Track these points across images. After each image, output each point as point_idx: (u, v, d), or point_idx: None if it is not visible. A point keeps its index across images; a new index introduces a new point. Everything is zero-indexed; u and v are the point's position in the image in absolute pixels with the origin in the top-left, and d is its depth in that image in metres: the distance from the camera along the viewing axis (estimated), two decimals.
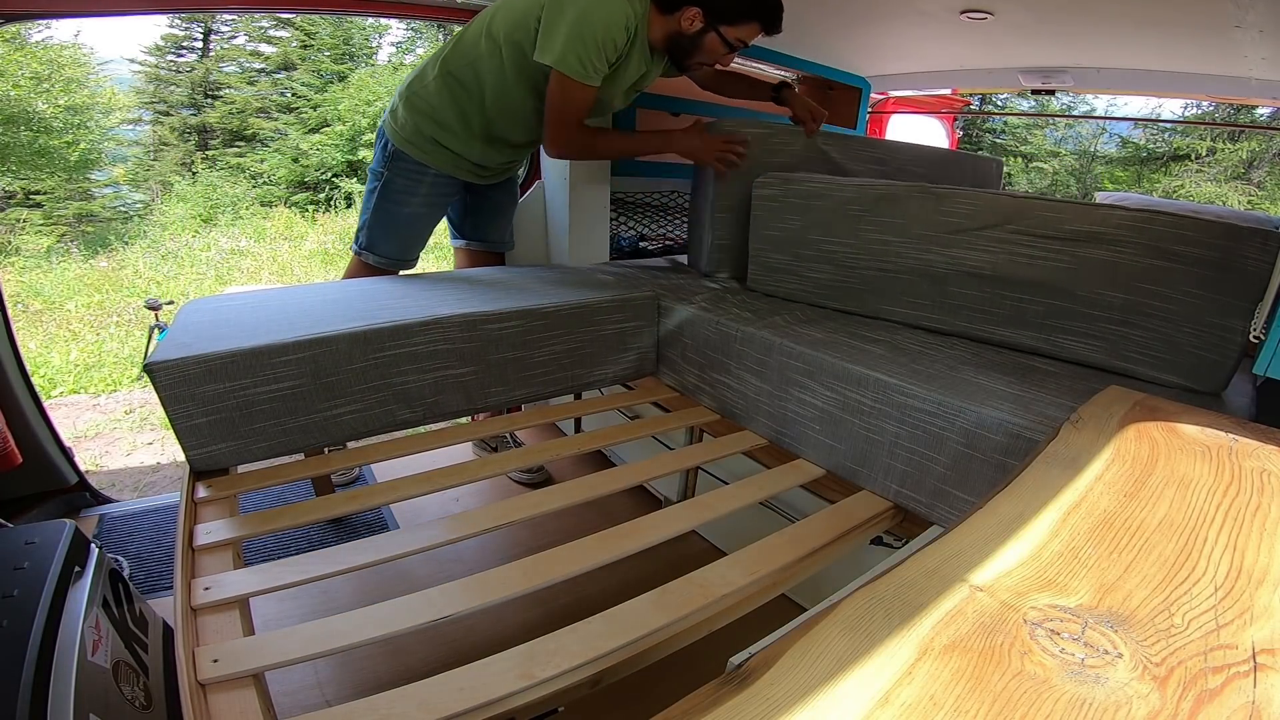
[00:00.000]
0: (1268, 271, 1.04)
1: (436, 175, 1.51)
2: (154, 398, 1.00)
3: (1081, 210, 1.21)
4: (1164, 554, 0.51)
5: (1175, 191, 10.80)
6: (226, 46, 11.33)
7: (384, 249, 1.58)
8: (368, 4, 1.80)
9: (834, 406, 1.17)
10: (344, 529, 1.57)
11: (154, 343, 3.14)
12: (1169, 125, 11.27)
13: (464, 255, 1.82)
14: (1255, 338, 1.13)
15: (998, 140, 12.73)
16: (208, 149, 10.91)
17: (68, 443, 1.57)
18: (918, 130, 3.88)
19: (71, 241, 8.55)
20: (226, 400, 1.04)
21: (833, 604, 0.45)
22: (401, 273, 1.64)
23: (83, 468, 1.59)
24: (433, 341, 1.22)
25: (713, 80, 1.77)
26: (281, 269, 7.25)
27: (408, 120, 1.46)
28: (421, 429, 1.32)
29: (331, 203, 10.06)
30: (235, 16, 10.88)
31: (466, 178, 1.57)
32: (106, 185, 9.80)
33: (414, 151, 1.48)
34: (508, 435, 1.81)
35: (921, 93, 3.40)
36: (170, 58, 11.02)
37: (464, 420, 1.60)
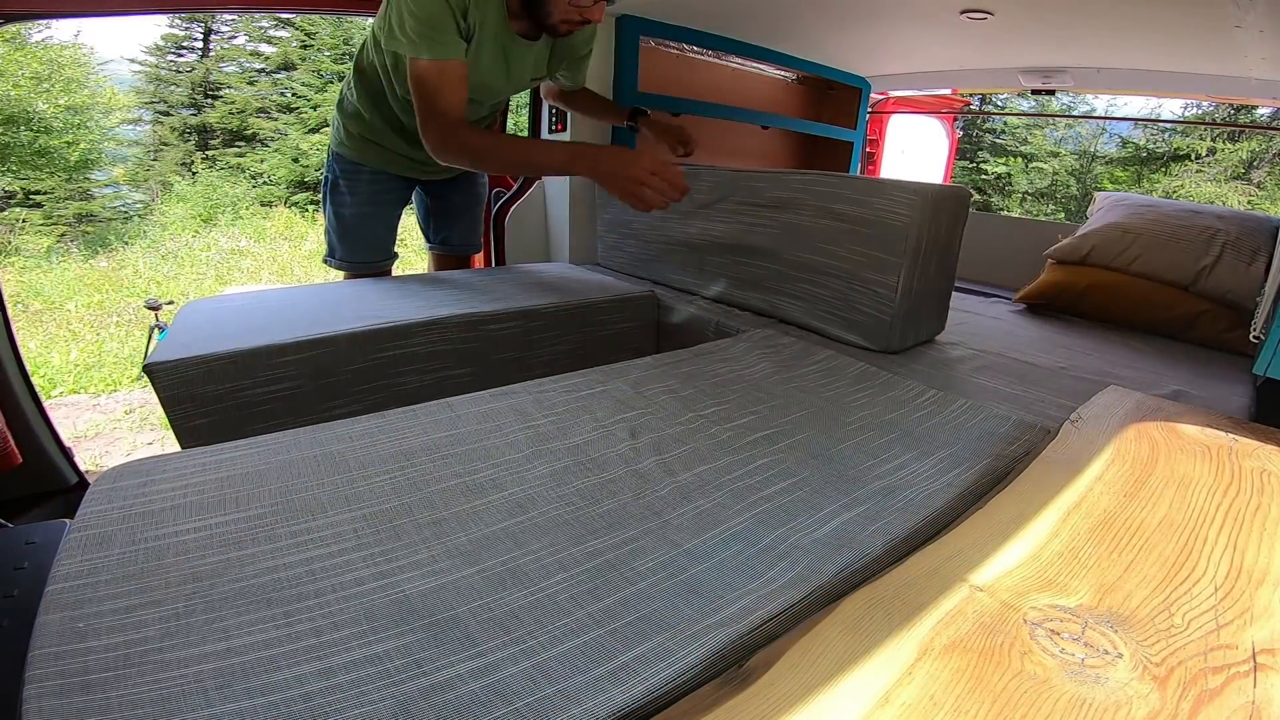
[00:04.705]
0: (913, 228, 1.07)
1: (373, 173, 1.50)
2: (154, 398, 1.00)
3: (776, 179, 1.29)
4: (1164, 554, 0.51)
5: (1175, 191, 10.81)
6: (226, 46, 11.33)
7: (343, 253, 1.57)
8: (368, 4, 1.80)
9: None
10: None
11: (154, 343, 3.14)
12: (1169, 125, 11.27)
13: (433, 260, 1.81)
14: (1255, 338, 1.13)
15: (998, 140, 12.73)
16: (208, 149, 10.90)
17: (68, 443, 1.57)
18: (917, 130, 3.89)
19: (71, 241, 8.55)
20: (226, 401, 1.04)
21: (833, 604, 0.45)
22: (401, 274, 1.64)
23: (83, 468, 1.58)
24: (432, 342, 1.22)
25: (557, 94, 1.66)
26: (281, 269, 7.26)
27: (339, 122, 1.46)
28: None
29: None
30: (235, 16, 10.87)
31: (410, 173, 1.54)
32: (106, 185, 9.80)
33: (348, 152, 1.47)
34: None
35: (921, 93, 3.41)
36: (170, 58, 11.02)
37: None
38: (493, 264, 2.09)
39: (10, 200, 8.59)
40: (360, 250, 1.58)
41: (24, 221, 8.47)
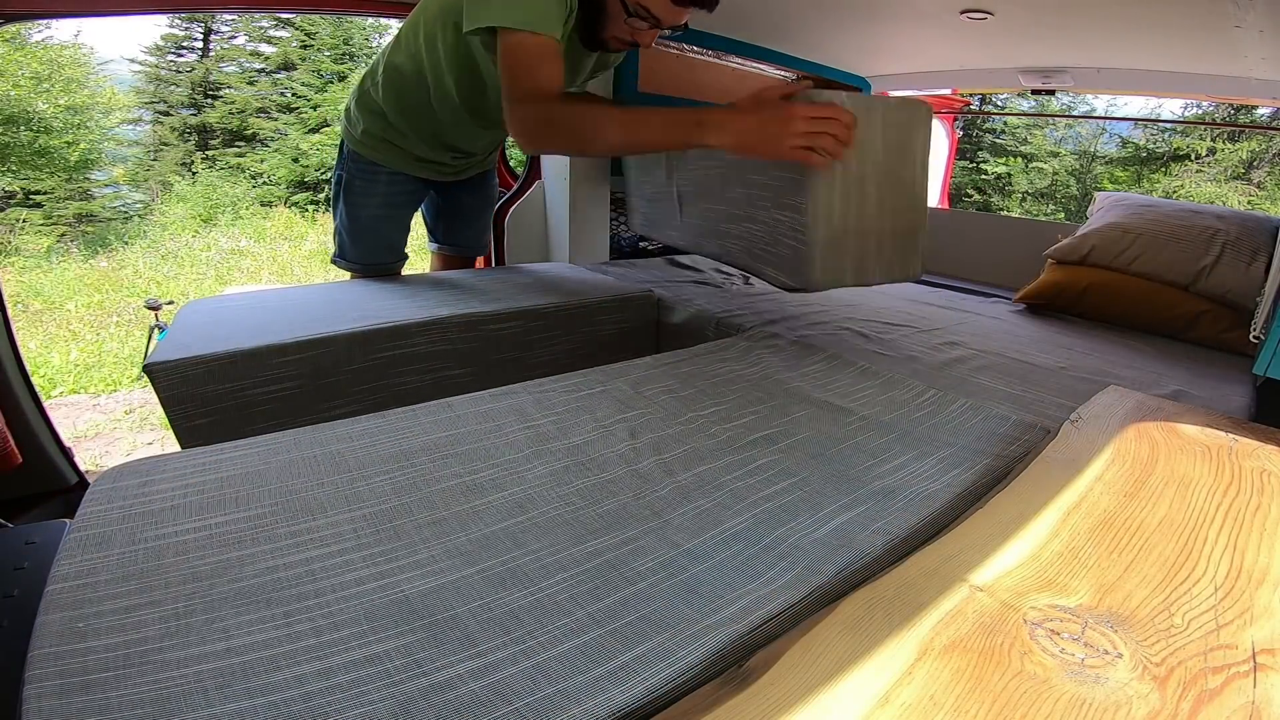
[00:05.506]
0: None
1: (391, 174, 1.47)
2: (154, 398, 1.00)
3: None
4: (1164, 554, 0.51)
5: (1175, 191, 10.81)
6: (226, 46, 11.34)
7: (354, 254, 1.54)
8: (368, 4, 1.80)
9: None
10: None
11: (154, 343, 3.14)
12: (1169, 125, 11.28)
13: (438, 260, 1.79)
14: (1255, 338, 1.13)
15: (998, 140, 12.73)
16: (208, 149, 10.91)
17: (68, 443, 1.57)
18: None
19: (71, 241, 8.56)
20: (226, 401, 1.04)
21: (833, 604, 0.45)
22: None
23: (83, 468, 1.58)
24: (432, 342, 1.22)
25: None
26: (281, 269, 7.26)
27: (358, 119, 1.43)
28: None
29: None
30: (235, 16, 10.88)
31: (424, 174, 1.52)
32: (106, 185, 9.80)
33: (366, 151, 1.44)
34: None
35: (921, 93, 3.40)
36: (170, 58, 11.02)
37: None
38: (493, 264, 2.10)
39: (10, 200, 8.59)
40: (373, 252, 1.56)
41: (24, 221, 8.47)
